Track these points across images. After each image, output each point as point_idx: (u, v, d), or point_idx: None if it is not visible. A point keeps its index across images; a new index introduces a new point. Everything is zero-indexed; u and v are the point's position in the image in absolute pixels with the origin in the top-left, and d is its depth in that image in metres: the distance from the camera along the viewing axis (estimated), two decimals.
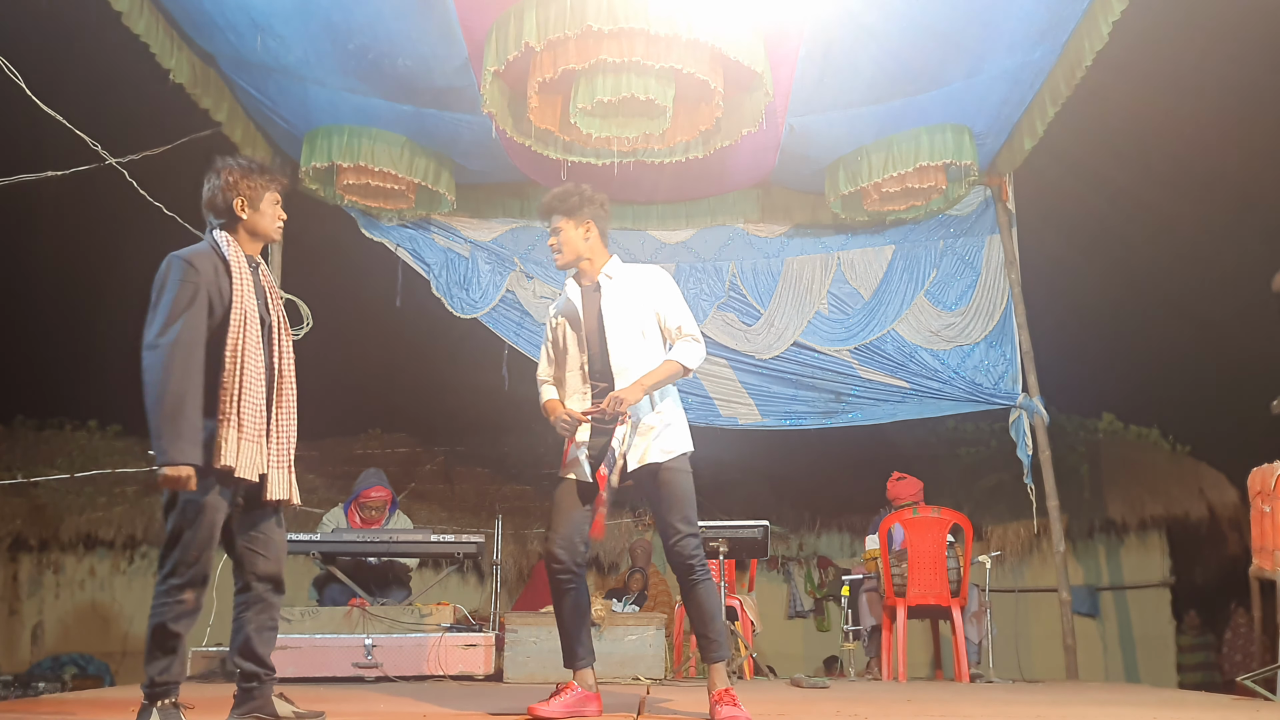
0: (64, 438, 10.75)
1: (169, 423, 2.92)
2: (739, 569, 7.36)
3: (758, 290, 7.38)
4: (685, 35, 4.79)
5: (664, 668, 5.39)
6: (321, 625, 5.42)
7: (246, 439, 3.05)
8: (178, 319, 2.99)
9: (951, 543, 5.99)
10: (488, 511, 9.48)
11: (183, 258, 3.10)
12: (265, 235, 3.29)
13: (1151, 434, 11.12)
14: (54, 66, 5.61)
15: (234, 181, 3.24)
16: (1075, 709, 3.99)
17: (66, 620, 9.55)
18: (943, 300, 7.22)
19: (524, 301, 7.34)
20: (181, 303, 3.01)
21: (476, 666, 5.33)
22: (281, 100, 6.08)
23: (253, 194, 3.25)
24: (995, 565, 6.28)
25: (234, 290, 3.10)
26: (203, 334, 3.02)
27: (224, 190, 3.23)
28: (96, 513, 9.64)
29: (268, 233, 3.30)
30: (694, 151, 5.89)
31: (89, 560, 9.74)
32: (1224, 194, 9.86)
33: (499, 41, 5.01)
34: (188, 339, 2.98)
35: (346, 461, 10.06)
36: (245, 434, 3.04)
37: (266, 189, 3.28)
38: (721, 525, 5.81)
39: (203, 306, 3.04)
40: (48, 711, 3.74)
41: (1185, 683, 9.74)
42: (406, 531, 5.95)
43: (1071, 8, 5.42)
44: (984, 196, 7.23)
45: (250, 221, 3.24)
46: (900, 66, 5.71)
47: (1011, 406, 6.99)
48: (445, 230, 7.23)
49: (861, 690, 5.08)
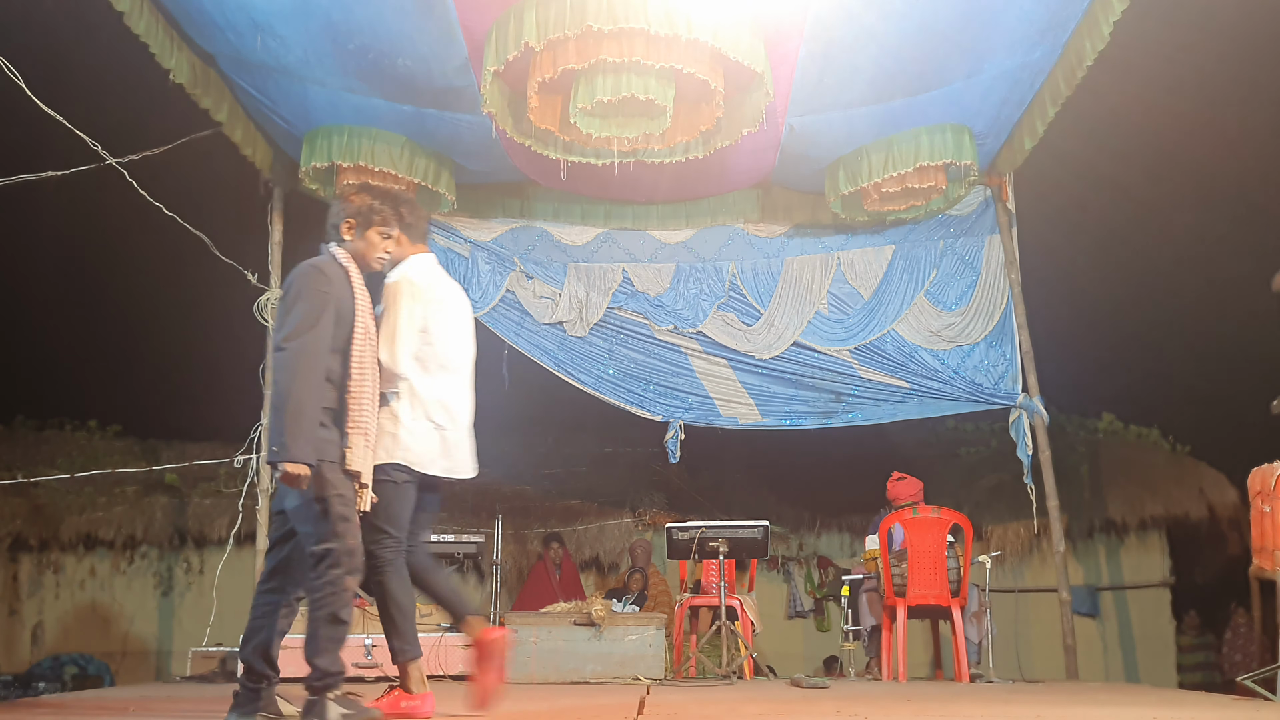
0: (64, 438, 10.75)
1: (292, 422, 3.05)
2: (739, 569, 7.36)
3: (758, 290, 7.38)
4: (685, 35, 4.78)
5: (664, 668, 5.40)
6: None
7: (370, 445, 3.26)
8: (308, 325, 3.14)
9: (951, 543, 5.99)
10: (488, 511, 9.46)
11: (316, 266, 3.30)
12: (365, 262, 3.45)
13: (1151, 434, 11.11)
14: (54, 66, 5.61)
15: (353, 207, 3.44)
16: (1075, 709, 3.99)
17: (66, 620, 9.55)
18: (943, 300, 7.22)
19: (524, 301, 7.34)
20: (313, 310, 3.17)
21: None
22: (281, 100, 6.08)
23: (362, 220, 3.43)
24: (995, 565, 6.28)
25: (356, 303, 3.29)
26: (328, 342, 3.18)
27: (341, 211, 3.45)
28: (96, 513, 9.64)
29: (368, 261, 3.45)
30: (694, 151, 5.89)
31: (89, 560, 9.73)
32: (1224, 194, 9.87)
33: (499, 41, 5.01)
34: (314, 345, 3.14)
35: None
36: (369, 441, 3.25)
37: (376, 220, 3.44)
38: (721, 525, 5.82)
39: (331, 315, 3.19)
40: (48, 711, 3.74)
41: (1185, 683, 9.75)
42: None
43: (1072, 8, 5.42)
44: (984, 196, 7.23)
45: (353, 245, 3.42)
46: (900, 66, 5.71)
47: (1011, 406, 6.99)
48: (445, 230, 7.23)
49: (861, 690, 5.08)
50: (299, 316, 3.14)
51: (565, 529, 9.53)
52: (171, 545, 9.72)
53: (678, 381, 7.44)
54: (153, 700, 3.65)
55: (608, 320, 7.37)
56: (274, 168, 6.79)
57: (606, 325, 7.38)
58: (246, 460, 6.52)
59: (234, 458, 6.61)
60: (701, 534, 5.76)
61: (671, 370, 7.44)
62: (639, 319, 7.40)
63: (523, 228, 7.38)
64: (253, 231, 6.91)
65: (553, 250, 7.39)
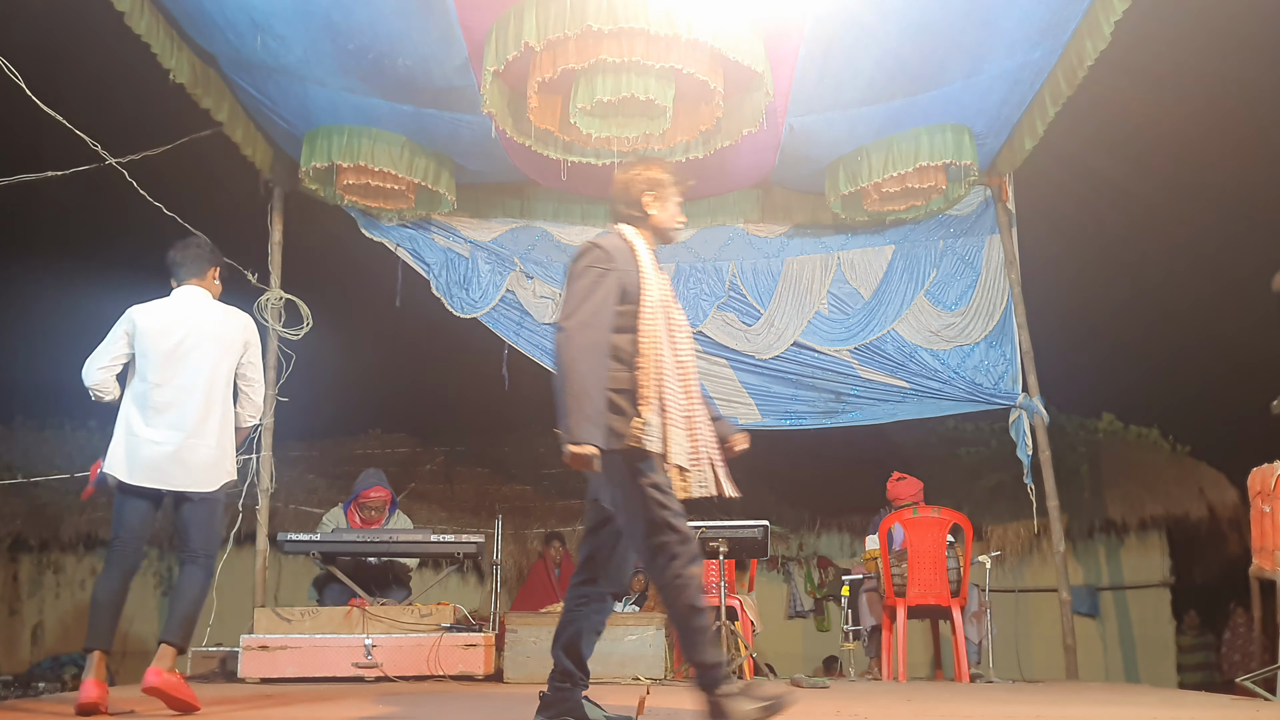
0: (64, 438, 10.74)
1: (575, 404, 2.91)
2: (739, 569, 7.35)
3: (758, 290, 7.38)
4: (685, 35, 4.79)
5: (664, 668, 5.39)
6: (321, 625, 5.42)
7: (673, 425, 3.05)
8: (590, 304, 3.01)
9: (951, 543, 5.99)
10: (488, 511, 9.48)
11: (596, 243, 3.14)
12: (665, 234, 3.32)
13: (1151, 434, 11.12)
14: (54, 66, 5.60)
15: (648, 176, 3.29)
16: (1075, 709, 3.99)
17: (66, 620, 9.56)
18: (943, 300, 7.22)
19: (524, 301, 7.34)
20: (594, 288, 3.03)
21: (476, 666, 5.33)
22: (281, 100, 6.08)
23: (662, 192, 3.28)
24: (995, 565, 6.28)
25: (642, 280, 3.11)
26: (610, 319, 3.03)
27: (642, 182, 3.28)
28: (96, 513, 9.63)
29: (668, 232, 3.32)
30: (694, 151, 5.88)
31: (89, 560, 9.74)
32: (1224, 194, 9.86)
33: (499, 41, 5.01)
34: (596, 323, 3.00)
35: (346, 461, 10.06)
36: (670, 420, 3.04)
37: (674, 190, 3.32)
38: (721, 525, 5.81)
39: (614, 293, 3.05)
40: (48, 711, 3.74)
41: (1185, 683, 9.74)
42: (406, 531, 5.95)
43: (1072, 8, 5.41)
44: (984, 196, 7.22)
45: (656, 219, 3.28)
46: (900, 66, 5.71)
47: (1011, 406, 6.99)
48: (445, 230, 7.23)
49: (861, 690, 5.08)
50: (577, 295, 3.02)
51: (565, 529, 9.53)
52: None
53: None
54: (153, 700, 3.65)
55: None
56: (274, 168, 6.79)
57: None
58: (246, 460, 6.52)
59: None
60: (701, 534, 5.75)
61: None
62: None
63: (523, 228, 7.38)
64: (253, 231, 6.91)
65: (553, 250, 7.39)
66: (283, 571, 9.08)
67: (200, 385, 3.91)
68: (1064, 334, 9.34)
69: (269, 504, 6.60)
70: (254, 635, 5.37)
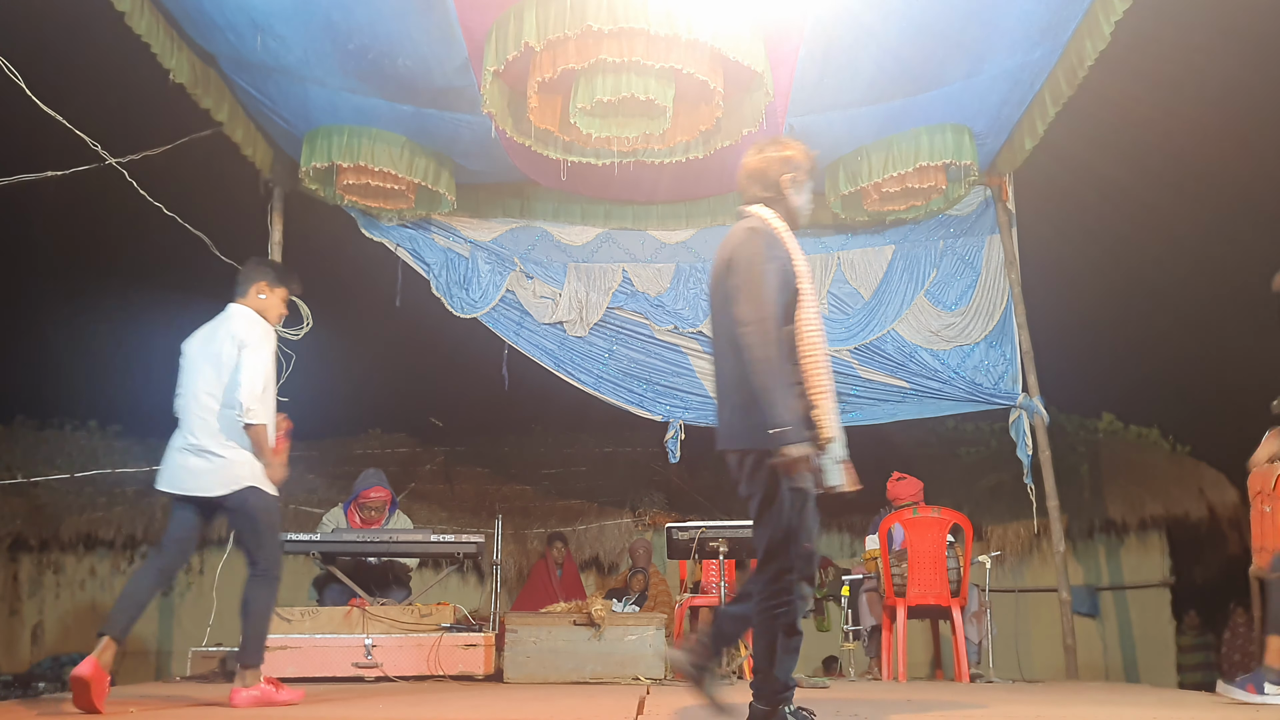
0: (64, 438, 10.73)
1: (779, 402, 2.80)
2: (739, 569, 7.35)
3: None
4: (685, 35, 4.79)
5: (664, 668, 5.39)
6: (321, 625, 5.42)
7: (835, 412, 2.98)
8: (768, 295, 2.91)
9: (951, 543, 5.99)
10: (488, 511, 9.47)
11: (755, 231, 3.03)
12: (796, 219, 3.20)
13: (1151, 434, 11.11)
14: (54, 66, 5.61)
15: (786, 158, 3.17)
16: (1075, 709, 3.99)
17: (66, 620, 9.55)
18: (943, 300, 7.22)
19: (524, 301, 7.34)
20: (766, 278, 2.92)
21: (476, 666, 5.33)
22: (281, 100, 6.08)
23: (800, 175, 3.18)
24: (995, 565, 6.28)
25: (796, 267, 3.02)
26: (781, 310, 2.94)
27: (780, 164, 3.17)
28: (96, 513, 9.63)
29: (798, 217, 3.20)
30: (694, 151, 5.89)
31: (89, 560, 9.73)
32: (1224, 194, 9.87)
33: (499, 41, 5.01)
34: (775, 315, 2.90)
35: (346, 461, 10.05)
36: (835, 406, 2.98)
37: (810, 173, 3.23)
38: (721, 525, 5.81)
39: (782, 282, 2.96)
40: (48, 711, 3.73)
41: (1185, 683, 9.73)
42: (406, 531, 5.94)
43: (1072, 7, 5.41)
44: (984, 196, 7.23)
45: (792, 201, 3.17)
46: (900, 66, 5.71)
47: (1011, 406, 6.99)
48: (445, 230, 7.23)
49: (861, 690, 5.08)
50: (754, 286, 2.89)
51: (565, 529, 9.52)
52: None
53: (678, 381, 7.44)
54: (153, 700, 3.65)
55: (608, 320, 7.37)
56: (274, 168, 6.79)
57: (606, 325, 7.38)
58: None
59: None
60: (701, 534, 5.75)
61: (671, 370, 7.44)
62: (639, 319, 7.40)
63: (523, 228, 7.38)
64: (253, 231, 6.91)
65: (553, 250, 7.39)
66: (283, 571, 9.08)
67: (195, 394, 4.05)
68: (1064, 334, 9.33)
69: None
70: None
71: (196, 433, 3.99)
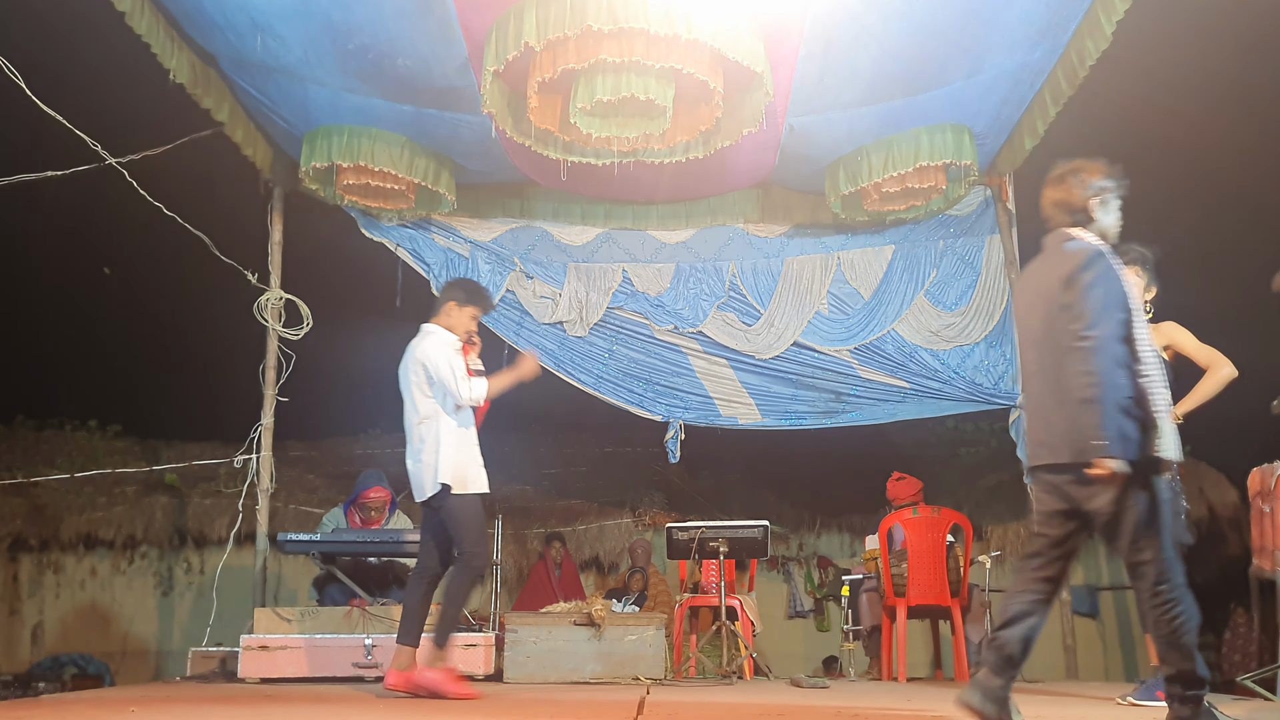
0: (64, 438, 10.74)
1: (1109, 418, 2.94)
2: (739, 569, 7.36)
3: (758, 290, 7.38)
4: (685, 35, 4.78)
5: (664, 668, 5.39)
6: (321, 625, 5.42)
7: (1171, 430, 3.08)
8: (1110, 313, 3.04)
9: (951, 543, 5.99)
10: (487, 512, 9.46)
11: (1101, 251, 3.15)
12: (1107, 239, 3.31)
13: None
14: (54, 66, 5.61)
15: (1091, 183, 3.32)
16: (1075, 709, 3.99)
17: (66, 620, 9.55)
18: (943, 300, 7.22)
19: (524, 301, 7.34)
20: (1110, 297, 3.06)
21: (476, 666, 5.33)
22: (281, 100, 6.08)
23: (1106, 197, 3.33)
24: (995, 565, 6.28)
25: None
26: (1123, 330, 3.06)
27: (1083, 188, 3.31)
28: (96, 513, 9.63)
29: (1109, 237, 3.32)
30: (694, 151, 5.88)
31: (89, 560, 9.73)
32: (1224, 194, 9.86)
33: (499, 41, 5.01)
34: (1117, 334, 3.03)
35: (346, 461, 10.05)
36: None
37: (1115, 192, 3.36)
38: (721, 525, 5.82)
39: (1123, 301, 3.08)
40: (48, 712, 3.74)
41: None
42: (407, 531, 5.94)
43: (1073, 7, 5.41)
44: (984, 196, 7.23)
45: (1101, 224, 3.30)
46: (900, 66, 5.71)
47: (1011, 406, 6.99)
48: (445, 230, 7.23)
49: (861, 690, 5.08)
50: (1097, 303, 3.03)
51: (565, 529, 9.52)
52: (171, 545, 9.72)
53: (678, 381, 7.44)
54: (153, 700, 3.65)
55: (608, 320, 7.37)
56: (274, 168, 6.79)
57: (606, 325, 7.38)
58: (246, 460, 6.53)
59: (234, 458, 6.61)
60: (701, 534, 5.76)
61: (671, 370, 7.44)
62: (639, 319, 7.40)
63: (523, 228, 7.38)
64: (253, 231, 6.91)
65: (553, 250, 7.39)
66: (283, 571, 9.09)
67: (407, 411, 4.64)
68: None
69: (269, 504, 6.60)
70: (254, 635, 5.37)
71: (410, 445, 4.58)
